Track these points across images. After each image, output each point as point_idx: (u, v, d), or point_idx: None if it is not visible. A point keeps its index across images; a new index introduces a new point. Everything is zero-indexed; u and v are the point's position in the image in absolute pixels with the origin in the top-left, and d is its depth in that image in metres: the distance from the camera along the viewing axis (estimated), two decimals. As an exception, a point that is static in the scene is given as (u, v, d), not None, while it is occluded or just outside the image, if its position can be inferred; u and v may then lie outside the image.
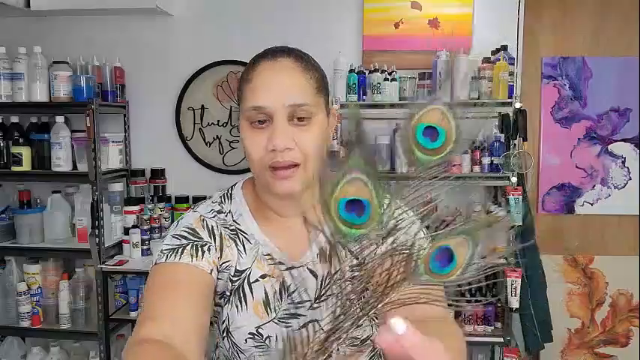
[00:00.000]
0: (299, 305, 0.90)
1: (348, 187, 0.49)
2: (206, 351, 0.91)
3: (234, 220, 0.95)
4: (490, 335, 2.42)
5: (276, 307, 0.91)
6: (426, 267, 0.50)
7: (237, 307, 0.92)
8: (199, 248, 0.89)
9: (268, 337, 0.91)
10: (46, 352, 2.63)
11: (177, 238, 0.91)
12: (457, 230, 0.49)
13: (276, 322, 0.91)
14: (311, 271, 0.92)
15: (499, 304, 2.43)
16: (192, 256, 0.87)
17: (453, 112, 0.51)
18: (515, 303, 2.28)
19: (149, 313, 0.80)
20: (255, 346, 0.91)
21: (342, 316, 0.51)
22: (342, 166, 0.49)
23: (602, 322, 2.82)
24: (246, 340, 0.91)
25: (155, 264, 0.88)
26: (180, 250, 0.88)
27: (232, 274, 0.93)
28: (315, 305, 0.80)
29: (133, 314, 2.51)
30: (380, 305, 0.50)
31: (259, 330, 0.91)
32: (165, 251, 0.89)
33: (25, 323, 2.51)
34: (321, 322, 0.53)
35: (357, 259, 0.52)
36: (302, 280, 0.91)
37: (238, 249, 0.93)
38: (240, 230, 0.95)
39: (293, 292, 0.91)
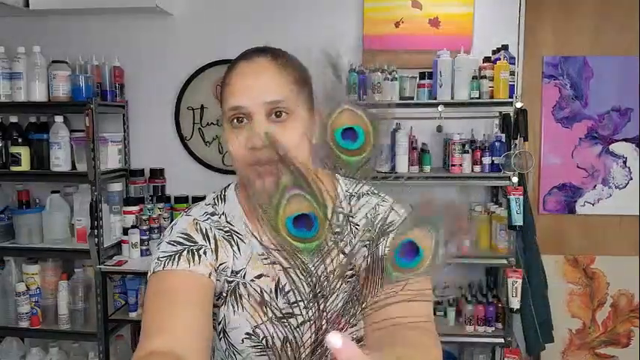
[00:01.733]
0: (294, 305, 0.90)
1: (290, 205, 0.49)
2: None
3: (227, 222, 0.96)
4: (491, 336, 2.41)
5: (272, 307, 0.92)
6: (393, 265, 0.50)
7: (233, 307, 0.92)
8: (195, 253, 0.90)
9: (265, 337, 0.91)
10: (45, 353, 2.62)
11: (173, 245, 0.91)
12: (414, 221, 0.48)
13: (271, 323, 0.91)
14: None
15: (499, 305, 2.42)
16: (189, 261, 0.88)
17: (364, 110, 0.51)
18: (515, 303, 2.27)
19: (153, 326, 0.80)
20: (252, 347, 0.91)
21: (325, 323, 0.52)
22: (277, 189, 0.49)
23: (603, 322, 2.81)
24: (242, 341, 0.91)
25: (153, 272, 0.89)
26: (176, 256, 0.88)
27: (228, 275, 0.93)
28: (310, 305, 0.81)
29: (132, 315, 2.50)
30: (359, 311, 0.51)
31: (256, 330, 0.91)
32: (162, 259, 0.89)
33: (24, 324, 2.50)
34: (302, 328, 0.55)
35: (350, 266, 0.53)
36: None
37: (233, 250, 0.94)
38: (234, 231, 0.95)
39: (288, 291, 0.92)
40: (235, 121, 0.87)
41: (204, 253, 0.90)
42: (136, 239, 2.50)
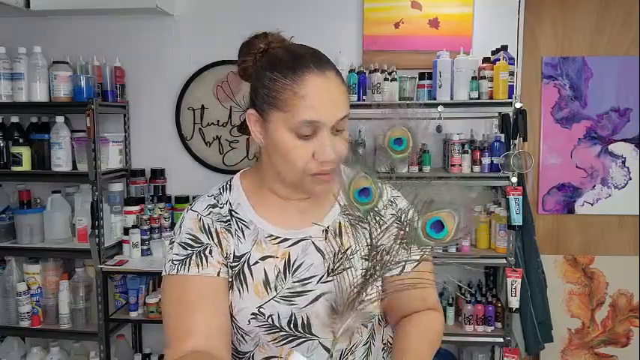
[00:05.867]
0: (306, 282, 0.97)
1: (358, 181, 0.77)
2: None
3: (231, 210, 1.01)
4: (490, 335, 2.42)
5: (277, 286, 0.97)
6: (423, 233, 0.70)
7: (239, 290, 0.98)
8: (202, 256, 0.97)
9: (270, 315, 0.97)
10: (45, 352, 2.63)
11: (183, 247, 0.98)
12: (443, 205, 0.69)
13: (277, 301, 0.97)
14: (316, 247, 0.99)
15: (499, 304, 2.43)
16: (198, 265, 0.96)
17: (409, 127, 0.79)
18: (515, 303, 2.28)
19: (179, 332, 0.92)
20: (259, 326, 0.96)
21: (373, 268, 0.75)
22: (354, 169, 0.77)
23: (602, 322, 2.82)
24: (249, 321, 0.96)
25: (168, 274, 0.97)
26: (187, 260, 0.96)
27: (231, 260, 0.98)
28: (329, 279, 0.96)
29: (132, 314, 2.51)
30: (392, 263, 0.75)
31: (261, 309, 0.96)
32: (175, 262, 0.97)
33: (25, 323, 2.51)
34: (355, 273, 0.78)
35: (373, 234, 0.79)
36: (307, 255, 0.98)
37: (237, 235, 0.99)
38: (239, 218, 1.00)
39: (297, 268, 0.98)
40: (302, 134, 0.89)
41: (210, 252, 0.97)
42: (136, 239, 2.51)
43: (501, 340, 2.40)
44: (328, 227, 0.99)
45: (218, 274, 0.97)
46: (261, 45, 0.97)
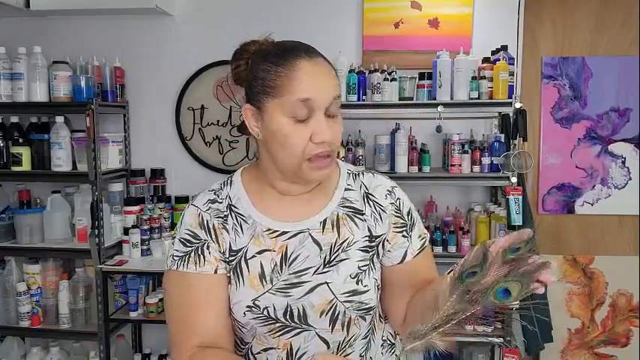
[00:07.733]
0: (301, 273, 0.99)
1: (511, 285, 0.86)
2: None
3: (230, 205, 1.03)
4: (490, 335, 2.41)
5: (273, 279, 0.99)
6: (494, 297, 0.84)
7: (236, 283, 1.00)
8: (201, 254, 1.00)
9: (266, 307, 0.98)
10: (45, 352, 2.63)
11: (184, 243, 1.01)
12: (512, 278, 0.82)
13: (272, 293, 0.98)
14: (313, 238, 1.01)
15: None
16: (195, 263, 0.99)
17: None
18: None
19: (184, 333, 0.97)
20: (254, 318, 0.98)
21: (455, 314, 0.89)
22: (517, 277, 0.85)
23: (602, 322, 2.82)
24: (244, 314, 0.98)
25: (169, 269, 1.01)
26: (186, 257, 1.00)
27: (228, 255, 1.01)
28: (325, 270, 0.98)
29: (132, 314, 2.51)
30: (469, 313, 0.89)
31: (256, 302, 0.98)
32: (175, 258, 1.01)
33: (25, 323, 2.51)
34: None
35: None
36: (304, 247, 1.00)
37: (235, 230, 1.01)
38: (238, 213, 1.03)
39: (293, 260, 0.99)
40: (298, 117, 0.92)
41: (208, 247, 1.00)
42: (136, 239, 2.50)
43: (501, 340, 2.40)
44: (326, 219, 1.01)
45: (215, 272, 0.99)
46: (253, 48, 1.00)
